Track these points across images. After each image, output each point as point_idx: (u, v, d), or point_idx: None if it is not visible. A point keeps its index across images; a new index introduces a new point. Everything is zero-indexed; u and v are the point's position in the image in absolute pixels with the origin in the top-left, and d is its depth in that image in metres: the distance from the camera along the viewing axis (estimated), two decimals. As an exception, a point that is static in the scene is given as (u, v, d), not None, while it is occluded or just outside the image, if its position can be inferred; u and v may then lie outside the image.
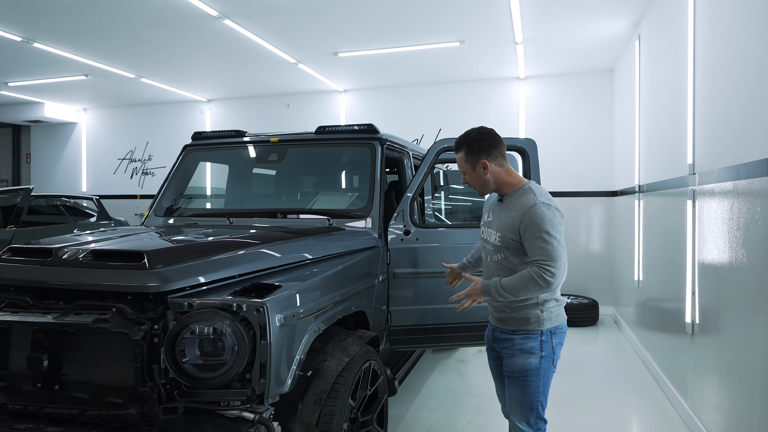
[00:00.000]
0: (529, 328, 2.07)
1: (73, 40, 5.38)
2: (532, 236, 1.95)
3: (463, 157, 2.10)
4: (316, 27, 5.03)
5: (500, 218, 2.08)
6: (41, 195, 6.27)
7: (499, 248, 2.08)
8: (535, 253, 1.94)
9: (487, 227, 2.18)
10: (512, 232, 2.01)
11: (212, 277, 1.91)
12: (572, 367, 4.34)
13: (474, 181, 2.12)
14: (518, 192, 2.07)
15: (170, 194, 3.52)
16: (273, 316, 1.76)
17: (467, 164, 2.10)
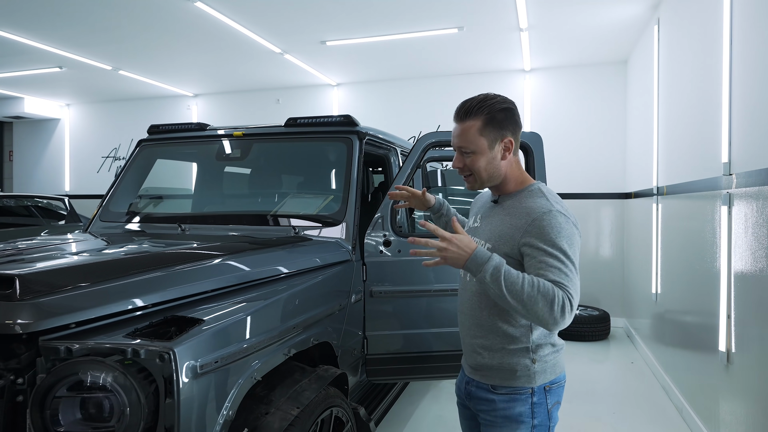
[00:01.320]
0: (515, 385, 1.46)
1: (34, 25, 4.94)
2: (541, 251, 1.34)
3: (477, 128, 1.45)
4: (300, 13, 4.57)
5: (493, 224, 1.50)
6: (9, 195, 5.84)
7: None
8: (549, 274, 1.32)
9: (470, 233, 1.59)
10: (507, 244, 1.42)
11: (110, 308, 1.44)
12: (581, 392, 3.86)
13: (481, 166, 1.47)
14: (523, 192, 1.49)
15: (121, 196, 3.07)
16: (183, 365, 1.30)
17: (482, 138, 1.45)
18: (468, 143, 1.47)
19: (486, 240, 1.50)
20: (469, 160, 1.49)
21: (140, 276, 1.56)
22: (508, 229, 1.44)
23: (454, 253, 1.33)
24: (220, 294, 1.72)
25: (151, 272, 1.60)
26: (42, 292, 1.36)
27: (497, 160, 1.48)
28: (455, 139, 1.50)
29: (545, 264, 1.34)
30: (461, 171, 1.53)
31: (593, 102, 6.07)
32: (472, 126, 1.47)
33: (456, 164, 1.52)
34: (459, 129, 1.49)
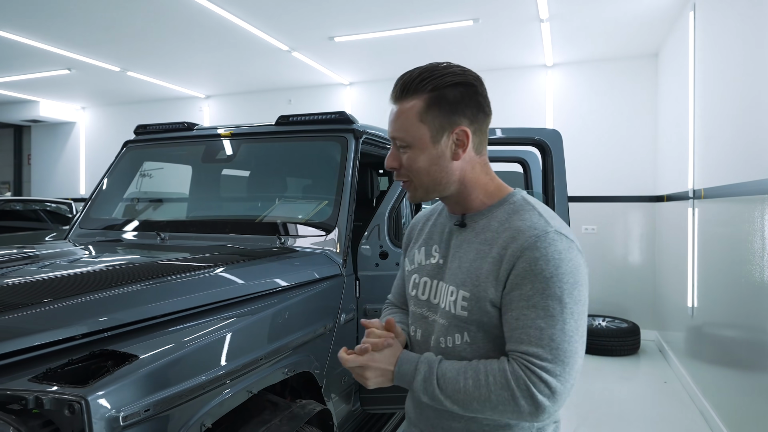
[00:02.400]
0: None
1: (37, 26, 4.82)
2: (528, 299, 0.93)
3: (417, 111, 1.01)
4: (305, 7, 4.32)
5: (464, 259, 1.04)
6: (17, 199, 5.77)
7: (461, 323, 1.02)
8: (524, 336, 0.92)
9: (427, 276, 1.11)
10: (494, 285, 0.97)
11: (22, 342, 1.19)
12: (608, 415, 3.49)
13: (422, 167, 1.03)
14: (502, 207, 1.05)
15: (103, 202, 2.86)
16: (101, 417, 1.04)
17: (422, 126, 1.01)
18: (403, 132, 1.03)
19: (458, 286, 1.02)
20: (406, 158, 1.04)
21: (68, 300, 1.30)
22: (483, 264, 0.99)
23: (375, 380, 1.02)
24: (173, 319, 1.46)
25: (86, 295, 1.34)
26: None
27: (446, 160, 1.03)
28: (389, 127, 1.07)
29: (527, 319, 0.92)
30: (397, 174, 1.07)
31: (621, 98, 5.66)
32: (410, 108, 1.02)
33: (390, 163, 1.06)
34: (394, 111, 1.05)
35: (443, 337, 1.04)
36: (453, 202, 1.09)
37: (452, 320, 1.03)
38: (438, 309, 1.07)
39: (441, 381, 0.97)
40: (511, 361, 0.93)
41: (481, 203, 1.07)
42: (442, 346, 1.04)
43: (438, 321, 1.06)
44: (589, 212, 5.73)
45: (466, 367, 0.97)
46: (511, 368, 0.92)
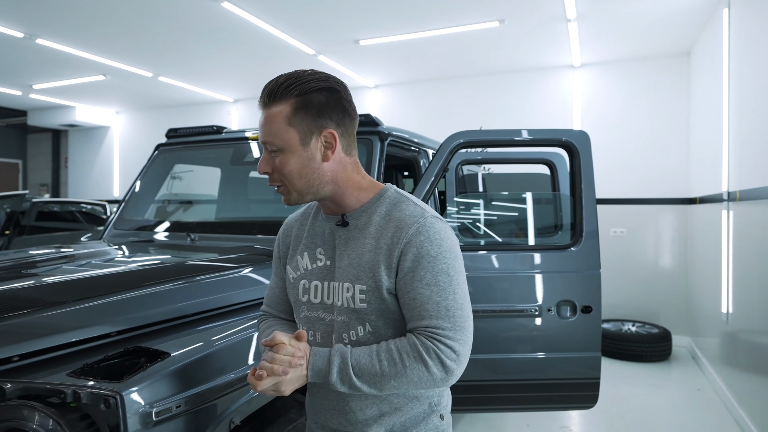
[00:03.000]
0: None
1: (76, 35, 5.01)
2: (420, 279, 1.02)
3: (285, 115, 1.05)
4: (332, 11, 4.37)
5: (353, 255, 1.09)
6: (55, 201, 5.99)
7: (361, 316, 1.07)
8: (424, 312, 1.02)
9: (317, 280, 1.13)
10: (387, 274, 1.04)
11: (61, 338, 1.24)
12: (638, 423, 3.41)
13: (293, 170, 1.06)
14: (379, 203, 1.11)
15: (137, 203, 2.95)
16: (134, 412, 1.08)
17: (291, 130, 1.05)
18: (272, 136, 1.06)
19: (353, 281, 1.07)
20: (278, 162, 1.07)
21: (105, 298, 1.35)
22: (376, 256, 1.06)
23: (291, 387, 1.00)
24: (204, 318, 1.50)
25: (120, 293, 1.39)
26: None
27: (316, 162, 1.07)
28: (259, 132, 1.09)
29: (424, 296, 1.02)
30: (270, 179, 1.10)
31: (651, 98, 5.54)
32: (278, 113, 1.05)
33: (263, 169, 1.09)
34: (263, 117, 1.08)
35: (345, 333, 1.08)
36: (330, 202, 1.13)
37: (352, 315, 1.07)
38: (334, 308, 1.10)
39: (356, 368, 1.00)
40: (418, 335, 1.01)
41: (357, 200, 1.12)
42: (346, 341, 1.08)
43: (336, 319, 1.09)
44: (618, 215, 5.62)
45: (377, 350, 1.02)
46: (420, 341, 1.00)
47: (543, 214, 3.19)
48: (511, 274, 2.29)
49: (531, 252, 2.34)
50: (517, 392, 2.23)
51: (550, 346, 2.22)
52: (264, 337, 1.12)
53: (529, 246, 2.66)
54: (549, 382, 2.21)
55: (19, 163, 10.19)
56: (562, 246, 2.29)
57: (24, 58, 5.79)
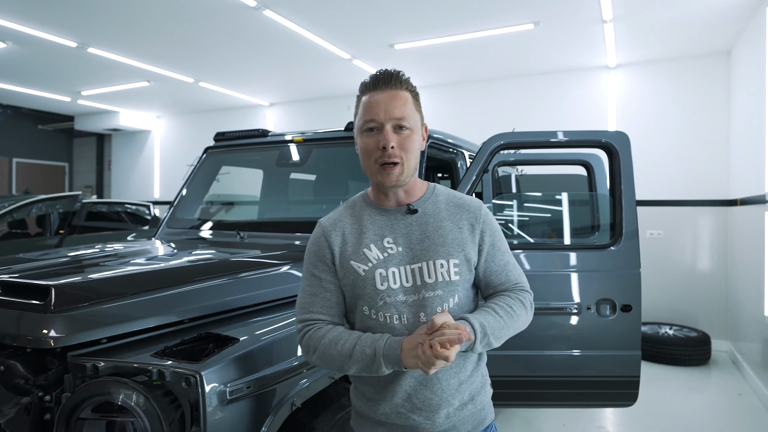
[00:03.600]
0: (486, 424, 1.28)
1: (124, 43, 5.26)
2: (501, 251, 1.27)
3: (411, 100, 1.19)
4: (368, 16, 4.48)
5: (434, 236, 1.20)
6: (102, 201, 6.27)
7: (453, 288, 1.18)
8: (510, 275, 1.27)
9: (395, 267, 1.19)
10: (472, 249, 1.22)
11: (144, 323, 1.37)
12: (676, 426, 3.39)
13: (415, 149, 1.19)
14: (435, 194, 1.27)
15: (187, 203, 3.10)
16: (211, 390, 1.19)
17: (417, 115, 1.21)
18: (408, 114, 1.17)
19: (445, 257, 1.18)
20: (406, 138, 1.16)
21: (177, 289, 1.47)
22: (460, 233, 1.22)
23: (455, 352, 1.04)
24: (263, 308, 1.61)
25: (190, 285, 1.51)
26: (75, 305, 1.31)
27: (418, 149, 1.22)
28: (387, 109, 1.15)
29: (508, 262, 1.28)
30: (390, 154, 1.15)
31: (690, 99, 5.45)
32: (406, 96, 1.18)
33: (388, 141, 1.14)
34: (390, 95, 1.16)
35: (439, 306, 1.18)
36: (402, 192, 1.24)
37: (446, 287, 1.19)
38: (424, 286, 1.18)
39: (490, 330, 1.15)
40: (512, 292, 1.26)
41: (420, 191, 1.27)
42: (444, 309, 1.18)
43: (428, 296, 1.18)
44: (655, 216, 5.55)
45: (494, 310, 1.18)
46: (518, 295, 1.25)
47: (580, 215, 3.21)
48: (550, 272, 2.34)
49: (570, 251, 2.38)
50: (557, 389, 2.27)
51: (589, 343, 2.26)
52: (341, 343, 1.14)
53: (568, 245, 2.69)
54: (588, 379, 2.24)
55: (65, 166, 10.66)
56: (602, 245, 2.32)
57: (75, 67, 6.10)
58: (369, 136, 1.19)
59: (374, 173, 1.20)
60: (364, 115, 1.20)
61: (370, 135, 1.19)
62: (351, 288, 1.22)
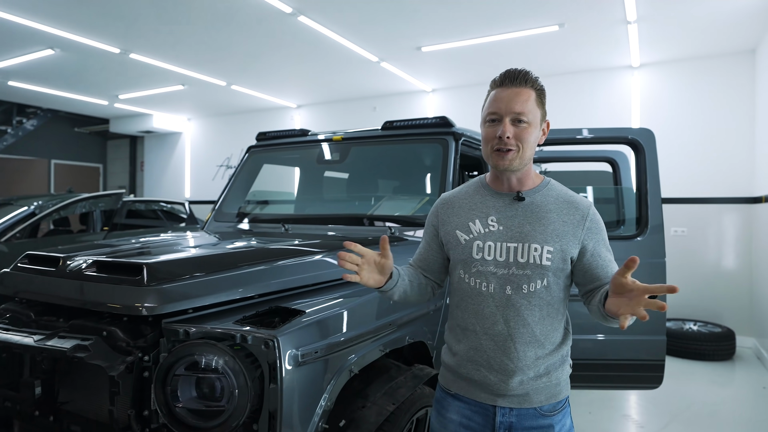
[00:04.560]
0: (560, 398, 1.38)
1: (163, 49, 5.53)
2: (606, 249, 1.38)
3: (534, 98, 1.34)
4: (396, 19, 4.66)
5: (536, 224, 1.33)
6: (139, 200, 6.56)
7: (543, 272, 1.31)
8: (610, 271, 1.35)
9: (491, 241, 1.34)
10: (572, 244, 1.33)
11: (223, 297, 1.56)
12: (700, 415, 3.48)
13: (531, 141, 1.33)
14: (548, 187, 1.40)
15: (232, 198, 3.31)
16: (286, 353, 1.37)
17: (538, 110, 1.35)
18: (528, 110, 1.32)
19: (541, 243, 1.31)
20: (523, 130, 1.32)
21: (249, 269, 1.67)
22: (563, 227, 1.34)
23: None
24: (319, 288, 1.79)
25: (258, 266, 1.71)
26: (166, 280, 1.51)
27: (536, 142, 1.36)
28: (510, 104, 1.31)
29: (612, 263, 1.37)
30: (507, 142, 1.31)
31: (714, 97, 5.50)
32: (530, 93, 1.33)
33: (505, 132, 1.30)
34: (513, 93, 1.32)
35: (525, 284, 1.32)
36: (515, 179, 1.38)
37: (536, 269, 1.31)
38: (520, 263, 1.32)
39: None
40: None
41: (532, 182, 1.40)
42: (525, 291, 1.32)
43: (517, 273, 1.32)
44: (679, 214, 5.60)
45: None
46: None
47: (605, 210, 3.33)
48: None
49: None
50: (586, 371, 2.41)
51: (616, 329, 2.39)
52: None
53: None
54: (615, 362, 2.37)
55: (99, 167, 11.08)
56: (628, 236, 2.45)
57: (116, 72, 6.41)
58: (490, 126, 1.36)
59: (490, 157, 1.36)
60: (488, 108, 1.37)
61: (491, 125, 1.35)
62: (453, 253, 1.41)
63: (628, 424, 3.35)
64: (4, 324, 1.62)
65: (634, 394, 3.87)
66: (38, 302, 1.71)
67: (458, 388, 1.41)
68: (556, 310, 1.35)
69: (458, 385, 1.41)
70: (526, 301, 1.32)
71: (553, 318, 1.35)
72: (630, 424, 3.36)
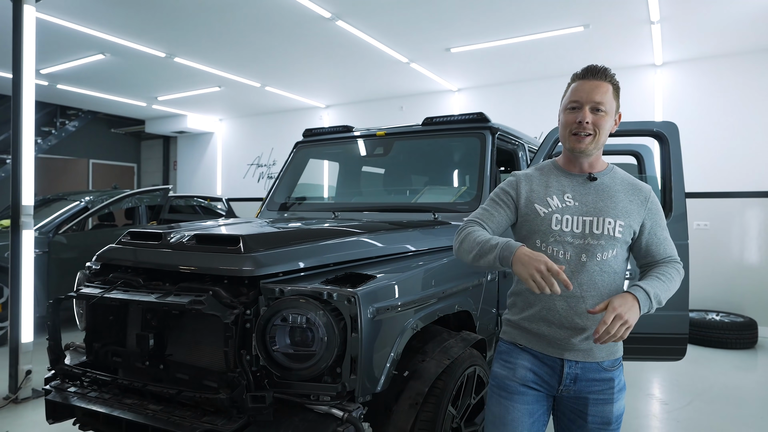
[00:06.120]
0: (618, 355, 1.57)
1: (205, 52, 5.86)
2: (662, 228, 1.57)
3: (611, 91, 1.53)
4: (428, 22, 4.91)
5: (608, 201, 1.53)
6: (180, 196, 6.92)
7: (615, 242, 1.50)
8: (667, 248, 1.57)
9: (569, 215, 1.52)
10: (635, 218, 1.53)
11: (306, 263, 1.84)
12: (723, 397, 3.66)
13: (606, 128, 1.53)
14: (614, 171, 1.61)
15: (282, 190, 3.60)
16: (365, 308, 1.64)
17: (614, 102, 1.53)
18: (606, 101, 1.50)
19: (614, 217, 1.50)
20: (600, 117, 1.51)
21: (325, 241, 1.95)
22: (631, 206, 1.53)
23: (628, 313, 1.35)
24: (383, 260, 2.06)
25: (333, 239, 1.98)
26: (260, 249, 1.79)
27: (610, 130, 1.55)
28: (590, 94, 1.50)
29: (666, 239, 1.57)
30: (585, 127, 1.50)
31: (735, 94, 5.64)
32: (608, 87, 1.52)
33: (584, 118, 1.49)
34: (594, 85, 1.51)
35: (600, 253, 1.50)
36: (587, 162, 1.58)
37: (609, 240, 1.51)
38: (596, 234, 1.50)
39: (655, 296, 1.44)
40: (668, 263, 1.56)
41: (601, 166, 1.61)
42: (598, 258, 1.50)
43: (592, 243, 1.50)
44: (701, 208, 5.75)
45: (658, 277, 1.50)
46: (673, 266, 1.55)
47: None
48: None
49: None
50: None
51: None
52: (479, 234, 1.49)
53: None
54: (642, 335, 2.59)
55: (134, 167, 11.55)
56: (653, 220, 2.67)
57: (159, 75, 6.78)
58: (570, 113, 1.53)
59: (568, 140, 1.55)
60: (570, 97, 1.54)
61: (571, 112, 1.53)
62: (529, 224, 1.56)
63: (652, 402, 3.56)
64: (121, 288, 1.92)
65: (658, 376, 4.07)
66: (143, 270, 2.01)
67: (527, 342, 1.56)
68: (620, 277, 1.54)
69: (527, 339, 1.56)
70: (599, 268, 1.49)
71: (617, 283, 1.52)
72: (654, 402, 3.56)
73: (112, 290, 1.90)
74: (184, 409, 1.72)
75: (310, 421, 1.60)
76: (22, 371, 3.49)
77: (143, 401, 1.78)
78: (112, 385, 1.90)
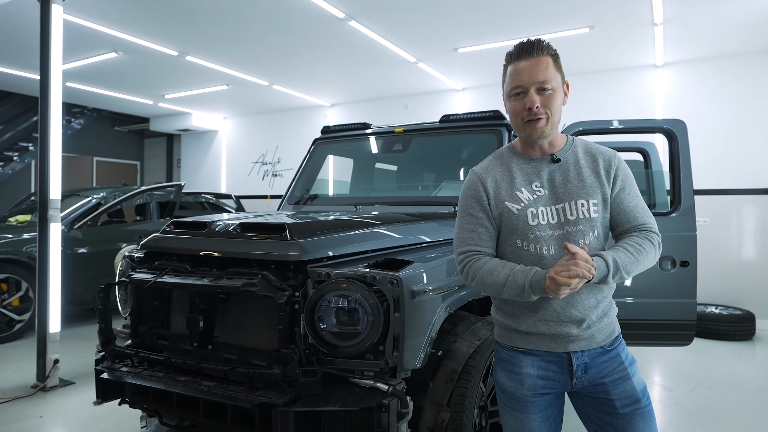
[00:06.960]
0: (616, 334, 1.52)
1: (217, 51, 5.97)
2: (631, 194, 1.46)
3: (551, 63, 1.40)
4: (437, 22, 5.04)
5: (575, 180, 1.44)
6: (190, 192, 7.01)
7: (593, 224, 1.42)
8: (638, 216, 1.46)
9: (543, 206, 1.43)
10: (607, 191, 1.45)
11: (348, 250, 1.97)
12: (723, 385, 3.82)
13: (558, 106, 1.41)
14: (575, 144, 1.50)
15: (302, 184, 3.72)
16: (407, 290, 1.76)
17: (558, 75, 1.41)
18: (550, 77, 1.38)
19: (585, 198, 1.41)
20: (548, 97, 1.39)
21: (365, 230, 2.08)
22: (597, 178, 1.44)
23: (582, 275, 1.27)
24: (414, 249, 2.19)
25: (367, 228, 2.11)
26: (305, 236, 1.91)
27: (562, 104, 1.44)
28: (532, 75, 1.38)
29: (638, 205, 1.47)
30: (536, 112, 1.38)
31: (735, 93, 5.81)
32: (547, 61, 1.39)
33: (534, 103, 1.37)
34: (532, 63, 1.39)
35: (581, 239, 1.42)
36: (547, 143, 1.46)
37: (587, 223, 1.42)
38: (567, 222, 1.42)
39: (623, 265, 1.37)
40: (639, 232, 1.45)
41: (561, 142, 1.50)
42: (581, 245, 1.40)
43: (571, 230, 1.42)
44: (700, 204, 5.88)
45: (624, 248, 1.39)
46: (645, 235, 1.44)
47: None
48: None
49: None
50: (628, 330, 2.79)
51: (653, 293, 2.76)
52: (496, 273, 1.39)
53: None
54: (652, 321, 2.74)
55: (137, 164, 11.61)
56: (663, 213, 2.81)
57: (170, 73, 6.87)
58: (516, 99, 1.42)
59: (521, 128, 1.44)
60: (511, 82, 1.42)
61: (517, 99, 1.42)
62: (505, 224, 1.46)
63: (657, 389, 3.71)
64: (171, 273, 2.04)
65: (661, 365, 4.22)
66: (188, 256, 2.13)
67: (528, 344, 1.48)
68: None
69: (527, 341, 1.48)
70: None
71: None
72: (659, 388, 3.71)
73: (164, 275, 2.02)
74: (236, 385, 1.84)
75: (356, 394, 1.73)
76: (50, 360, 3.60)
77: (197, 378, 1.90)
78: (163, 365, 2.02)
